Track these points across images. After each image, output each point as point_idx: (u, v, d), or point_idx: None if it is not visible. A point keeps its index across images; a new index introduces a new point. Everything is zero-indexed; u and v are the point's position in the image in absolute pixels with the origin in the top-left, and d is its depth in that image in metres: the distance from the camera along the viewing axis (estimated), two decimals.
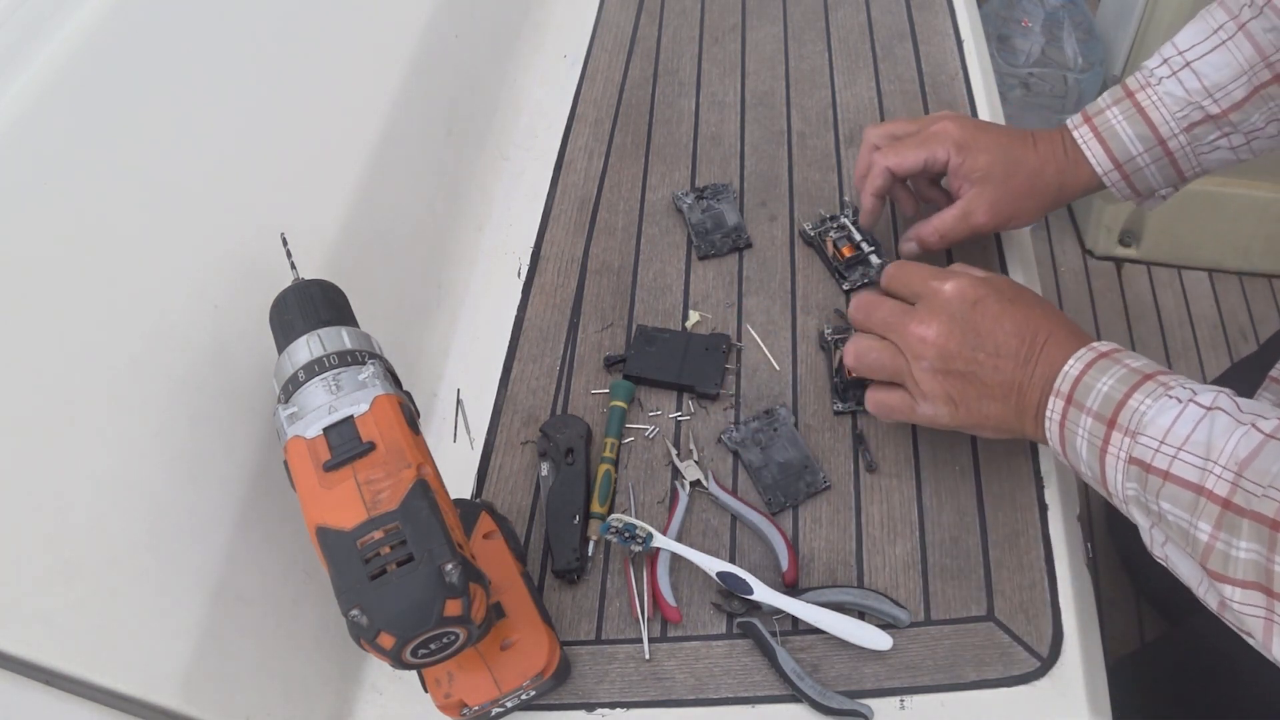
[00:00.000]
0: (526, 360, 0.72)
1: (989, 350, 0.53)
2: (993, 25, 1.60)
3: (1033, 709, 0.52)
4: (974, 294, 0.54)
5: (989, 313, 0.54)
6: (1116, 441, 0.47)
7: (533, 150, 0.87)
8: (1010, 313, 0.54)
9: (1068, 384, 0.50)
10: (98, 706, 0.41)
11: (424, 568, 0.40)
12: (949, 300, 0.55)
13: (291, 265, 0.50)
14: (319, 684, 0.55)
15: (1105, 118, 0.64)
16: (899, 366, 0.56)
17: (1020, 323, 0.53)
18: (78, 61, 0.46)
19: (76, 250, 0.45)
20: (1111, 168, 0.64)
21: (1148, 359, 0.50)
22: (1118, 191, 0.66)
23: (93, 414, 0.43)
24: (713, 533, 0.62)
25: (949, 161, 0.65)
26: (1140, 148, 0.63)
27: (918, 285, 0.57)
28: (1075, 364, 0.51)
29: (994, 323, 0.53)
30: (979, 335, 0.53)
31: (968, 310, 0.54)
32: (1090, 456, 0.49)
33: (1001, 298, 0.54)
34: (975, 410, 0.54)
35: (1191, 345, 1.67)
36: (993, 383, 0.53)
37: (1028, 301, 0.55)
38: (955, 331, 0.54)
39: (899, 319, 0.56)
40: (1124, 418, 0.47)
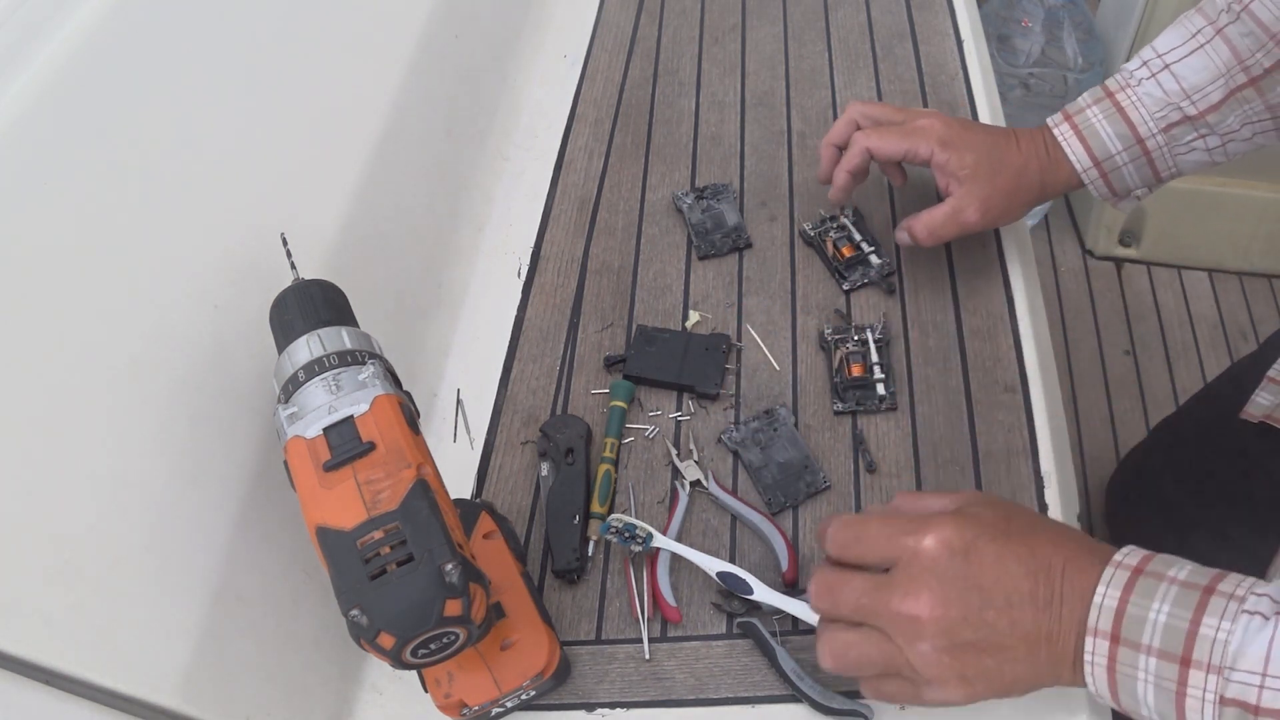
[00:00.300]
0: (526, 360, 0.72)
1: (999, 605, 0.43)
2: (993, 25, 1.60)
3: (1033, 709, 0.52)
4: (961, 541, 0.44)
5: (986, 558, 0.44)
6: (1198, 682, 0.39)
7: (533, 150, 0.87)
8: (1011, 549, 0.44)
9: (1108, 619, 0.41)
10: (98, 706, 0.41)
11: (424, 568, 0.40)
12: (934, 559, 0.44)
13: (291, 265, 0.50)
14: (319, 684, 0.55)
15: (1085, 116, 0.64)
16: (889, 656, 0.45)
17: (1026, 558, 0.44)
18: (78, 61, 0.46)
19: (76, 250, 0.45)
20: (1090, 165, 0.64)
21: (1190, 563, 0.42)
22: (1095, 190, 0.66)
23: (93, 414, 0.43)
24: (713, 533, 0.62)
25: (931, 158, 0.65)
26: (1119, 146, 0.63)
27: (883, 548, 0.46)
28: (1109, 591, 0.42)
29: (996, 569, 0.43)
30: (983, 591, 0.43)
31: (960, 565, 0.44)
32: (1161, 702, 0.40)
33: (995, 534, 0.44)
34: (997, 680, 0.44)
35: (1191, 345, 1.67)
36: (1013, 642, 0.43)
37: (1024, 527, 0.46)
38: (952, 596, 0.43)
39: (874, 598, 0.45)
40: (1201, 651, 0.39)
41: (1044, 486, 0.60)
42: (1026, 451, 0.62)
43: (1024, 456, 0.62)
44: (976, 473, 0.62)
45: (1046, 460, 0.62)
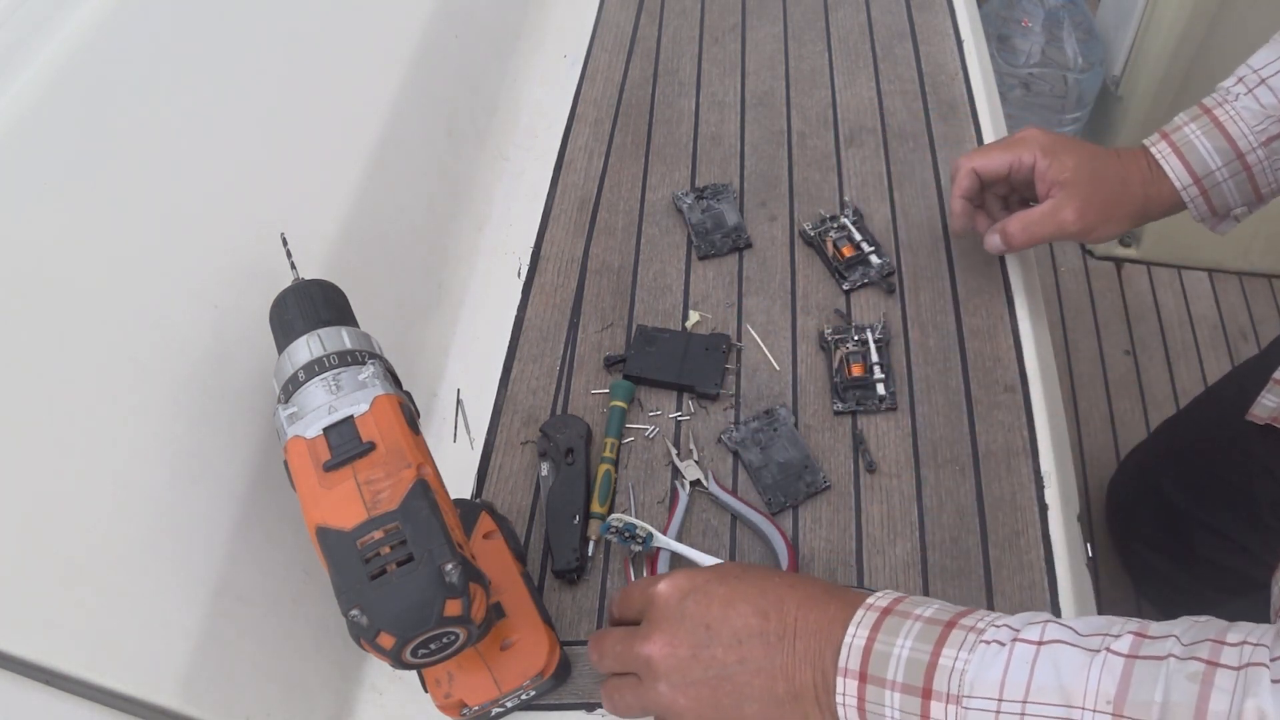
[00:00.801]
0: (526, 360, 0.72)
1: (727, 642, 0.44)
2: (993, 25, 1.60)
3: None
4: (690, 584, 0.46)
5: (714, 599, 0.45)
6: (939, 713, 0.39)
7: (533, 150, 0.87)
8: (740, 590, 0.45)
9: (856, 658, 0.41)
10: (98, 706, 0.41)
11: (424, 568, 0.40)
12: (665, 601, 0.46)
13: (291, 265, 0.50)
14: (319, 684, 0.55)
15: (1183, 133, 0.63)
16: (643, 698, 0.46)
17: (755, 597, 0.45)
18: (78, 62, 0.46)
19: (76, 250, 0.45)
20: (1190, 183, 0.63)
21: (940, 601, 0.43)
22: (1195, 210, 0.65)
23: (93, 414, 0.43)
24: (713, 533, 0.62)
25: (1035, 164, 0.64)
26: (1219, 161, 0.62)
27: (636, 599, 0.48)
28: (858, 631, 0.42)
29: (723, 609, 0.45)
30: (710, 629, 0.44)
31: (689, 605, 0.45)
32: None
33: (724, 578, 0.46)
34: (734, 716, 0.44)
35: (1191, 345, 1.67)
36: (745, 678, 0.44)
37: (759, 574, 0.47)
38: (681, 635, 0.45)
39: (625, 645, 0.47)
40: (939, 683, 0.39)
41: (1044, 486, 0.60)
42: (1026, 451, 0.62)
43: (1024, 456, 0.62)
44: (976, 473, 0.62)
45: (1046, 460, 0.62)
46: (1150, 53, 1.49)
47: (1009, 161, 0.65)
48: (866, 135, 0.83)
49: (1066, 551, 0.58)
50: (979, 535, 0.59)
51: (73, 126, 0.46)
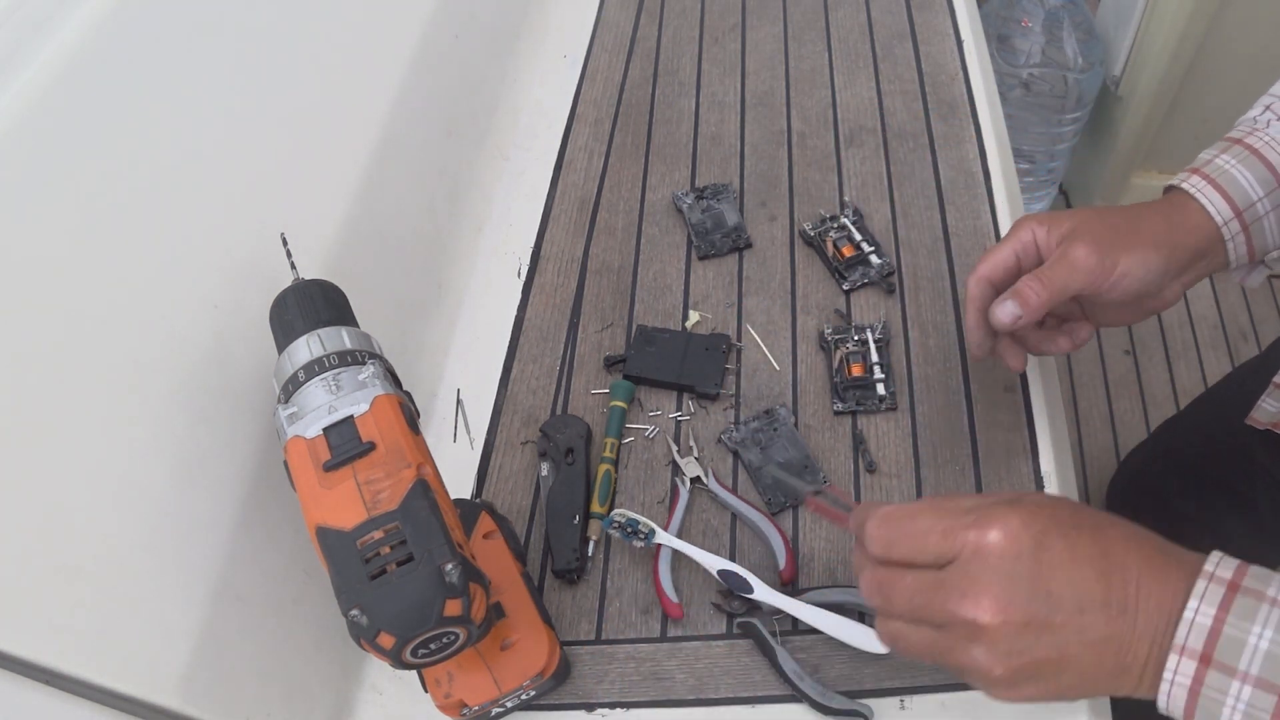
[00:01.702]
0: (526, 360, 0.72)
1: (1068, 610, 0.39)
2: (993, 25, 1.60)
3: (1033, 709, 0.52)
4: (1030, 536, 0.40)
5: (1056, 557, 0.40)
6: None
7: (533, 150, 0.87)
8: (1081, 549, 0.40)
9: (1199, 637, 0.38)
10: (98, 706, 0.41)
11: (424, 568, 0.40)
12: (999, 555, 0.40)
13: (291, 265, 0.50)
14: (319, 684, 0.55)
15: (1217, 165, 0.56)
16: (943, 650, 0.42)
17: (1098, 558, 0.40)
18: (78, 61, 0.46)
19: (76, 250, 0.45)
20: (1232, 216, 0.55)
21: None
22: (1234, 252, 0.56)
23: (93, 414, 0.43)
24: (713, 532, 0.62)
25: (1035, 239, 0.56)
26: (1261, 191, 0.55)
27: (937, 544, 0.41)
28: (1203, 606, 0.38)
29: (1067, 569, 0.40)
30: (1051, 595, 0.39)
31: (1027, 564, 0.40)
32: None
33: (1062, 526, 0.41)
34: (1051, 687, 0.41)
35: (1191, 345, 1.67)
36: (1078, 650, 0.39)
37: (1091, 520, 0.42)
38: (1018, 600, 0.39)
39: (930, 599, 0.41)
40: None
41: (1044, 487, 0.60)
42: (1026, 451, 0.62)
43: (1024, 456, 0.62)
44: (976, 473, 0.62)
45: (1046, 460, 0.62)
46: (1150, 53, 1.49)
47: (1010, 249, 0.57)
48: (866, 135, 0.83)
49: None
50: None
51: (73, 127, 0.46)
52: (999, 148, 0.80)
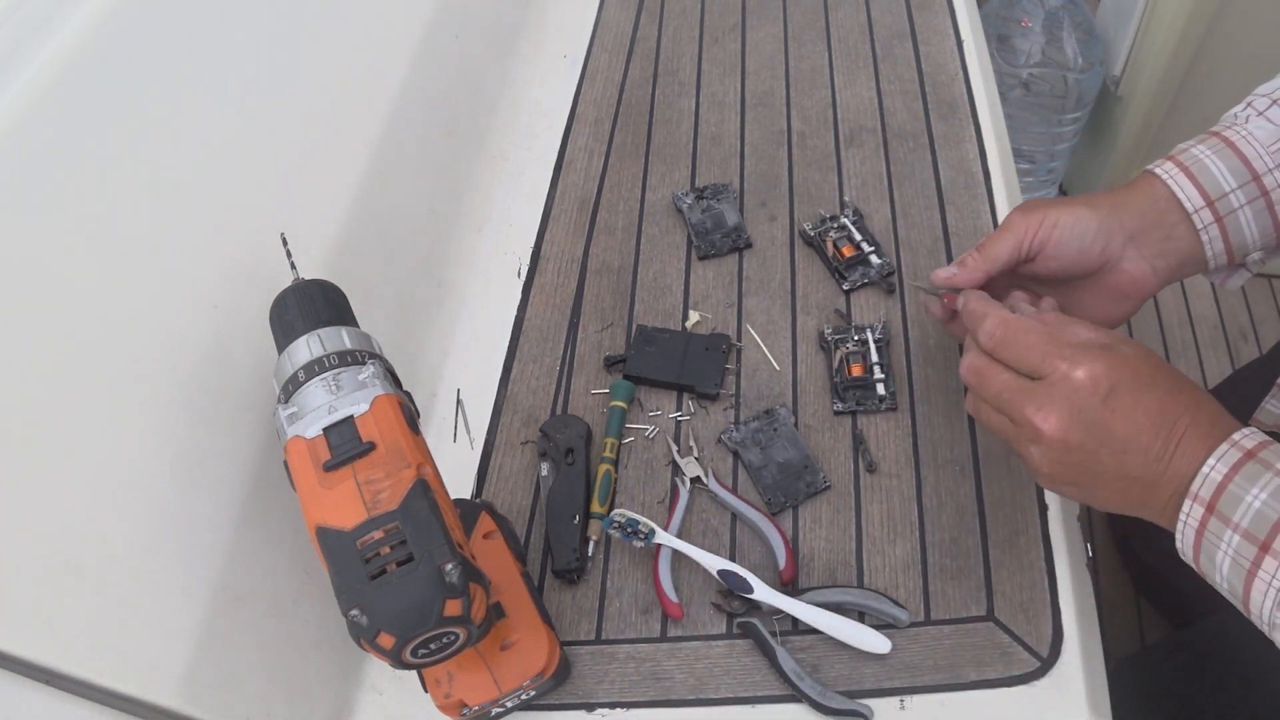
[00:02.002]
0: (526, 360, 0.72)
1: (1115, 447, 0.47)
2: (993, 25, 1.60)
3: (1033, 709, 0.52)
4: (1108, 383, 0.47)
5: (1122, 405, 0.47)
6: (1269, 568, 0.42)
7: (533, 150, 0.87)
8: (1145, 402, 0.47)
9: (1209, 489, 0.45)
10: (98, 706, 0.41)
11: (424, 568, 0.40)
12: (1077, 390, 0.47)
13: (291, 265, 0.50)
14: (319, 684, 0.55)
15: (1192, 154, 0.57)
16: (1009, 435, 0.51)
17: (1156, 414, 0.47)
18: (78, 61, 0.46)
19: (77, 251, 0.45)
20: (1203, 205, 0.56)
21: None
22: (1209, 246, 0.57)
23: (93, 414, 0.43)
24: (713, 533, 0.62)
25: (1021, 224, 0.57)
26: (1233, 183, 0.56)
27: (1036, 362, 0.49)
28: (1218, 465, 0.45)
29: (1126, 416, 0.47)
30: (1107, 431, 0.47)
31: (1098, 405, 0.47)
32: (1233, 575, 0.44)
33: (1137, 383, 0.47)
34: (1085, 493, 0.50)
35: (1191, 345, 1.67)
36: (1112, 477, 0.48)
37: (1165, 383, 0.48)
38: (1078, 427, 0.47)
39: (1015, 399, 0.49)
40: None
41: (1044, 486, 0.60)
42: None
43: None
44: (976, 473, 0.62)
45: None
46: (1150, 53, 1.49)
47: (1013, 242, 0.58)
48: (866, 135, 0.83)
49: (1066, 551, 0.58)
50: (979, 535, 0.59)
51: (73, 127, 0.46)
52: (999, 148, 0.80)
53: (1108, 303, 0.59)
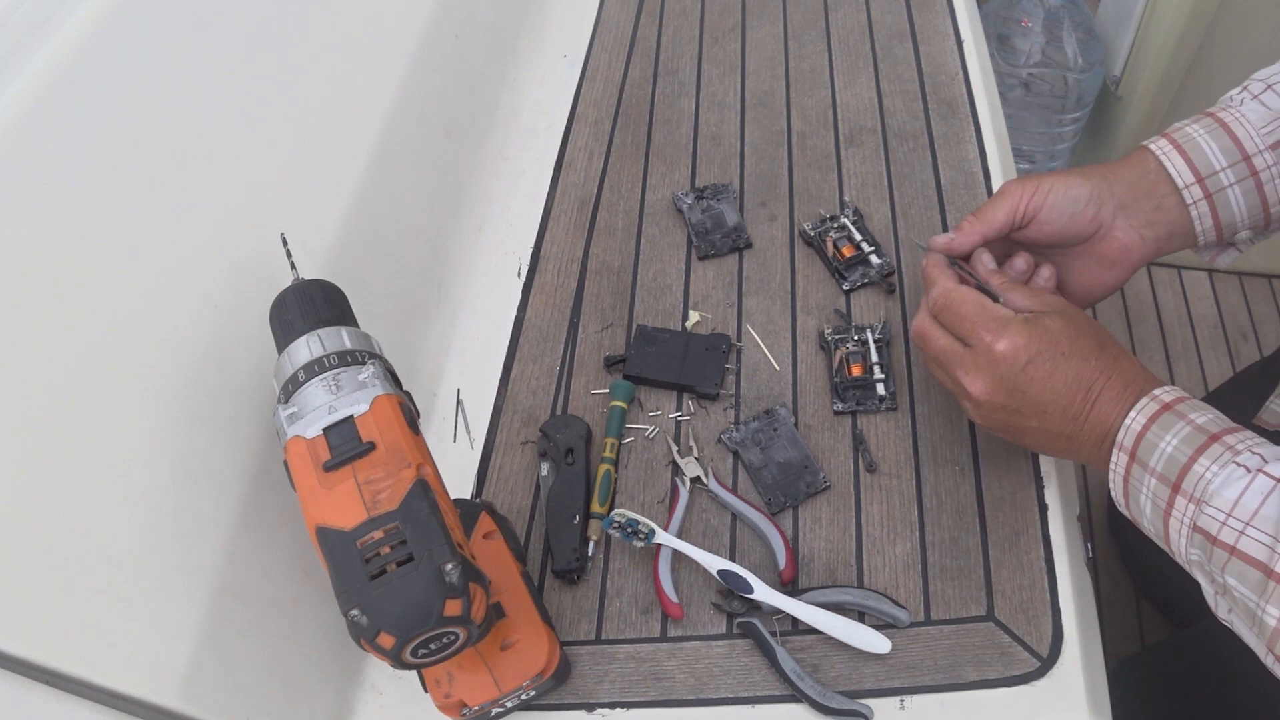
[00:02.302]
0: (526, 360, 0.72)
1: (1036, 409, 0.52)
2: (993, 25, 1.60)
3: (1033, 709, 0.52)
4: (1025, 355, 0.52)
5: (1039, 373, 0.52)
6: (1181, 507, 0.46)
7: (533, 150, 0.87)
8: (1062, 369, 0.52)
9: (1130, 438, 0.49)
10: (98, 706, 0.41)
11: (424, 568, 0.40)
12: (999, 361, 0.53)
13: (291, 265, 0.50)
14: (319, 684, 0.55)
15: (1185, 132, 0.59)
16: (954, 391, 0.57)
17: (1072, 380, 0.52)
18: (78, 61, 0.46)
19: (77, 251, 0.45)
20: (1193, 180, 0.58)
21: (1213, 412, 0.49)
22: (1198, 222, 0.59)
23: (93, 414, 0.43)
24: (713, 533, 0.62)
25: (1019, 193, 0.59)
26: (1224, 161, 0.57)
27: (967, 332, 0.54)
28: (1138, 416, 0.49)
29: (1044, 383, 0.52)
30: (1025, 396, 0.52)
31: (1017, 374, 0.52)
32: (1154, 516, 0.49)
33: (1055, 352, 0.52)
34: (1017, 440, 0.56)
35: (1191, 345, 1.67)
36: (1037, 430, 0.53)
37: (1084, 350, 0.52)
38: (1000, 391, 0.53)
39: (949, 361, 0.55)
40: (1189, 483, 0.46)
41: (1044, 486, 0.60)
42: (1026, 452, 0.62)
43: (1024, 457, 0.62)
44: (976, 473, 0.62)
45: (1046, 460, 0.62)
46: (1150, 53, 1.49)
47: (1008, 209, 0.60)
48: (866, 135, 0.83)
49: (1066, 551, 0.58)
50: (979, 535, 0.59)
51: (73, 126, 0.46)
52: (999, 148, 0.80)
53: (1098, 269, 0.61)
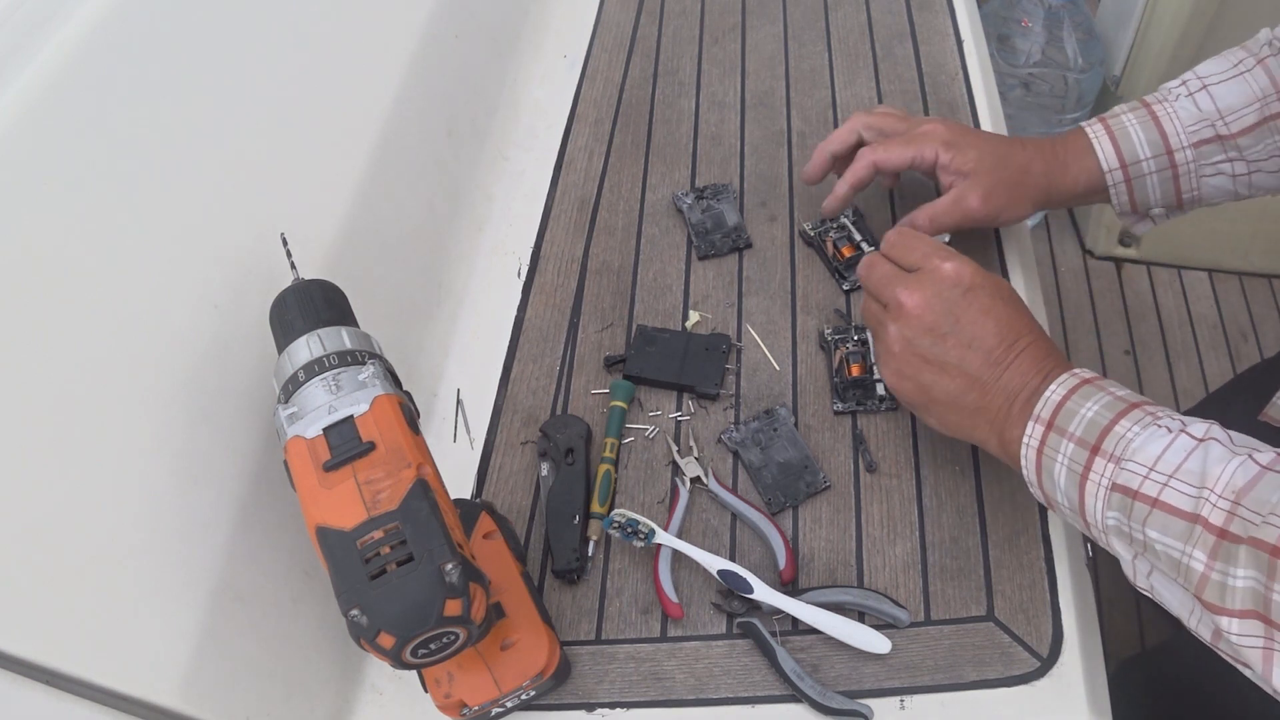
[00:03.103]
0: (526, 360, 0.72)
1: (962, 339, 0.53)
2: (993, 25, 1.60)
3: (1033, 709, 0.52)
4: (970, 281, 0.54)
5: (977, 304, 0.53)
6: (1099, 468, 0.47)
7: (533, 150, 0.87)
8: (999, 309, 0.53)
9: (1049, 409, 0.49)
10: (98, 706, 0.41)
11: (424, 568, 0.40)
12: (943, 278, 0.54)
13: (291, 265, 0.50)
14: (319, 684, 0.55)
15: (1120, 120, 0.65)
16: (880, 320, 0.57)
17: (1004, 324, 0.53)
18: (78, 61, 0.46)
19: (77, 250, 0.45)
20: (1117, 166, 0.65)
21: (1132, 390, 0.50)
22: (1115, 197, 0.66)
23: (93, 414, 0.43)
24: (713, 533, 0.62)
25: (937, 159, 0.66)
26: (1148, 153, 0.64)
27: (917, 258, 0.56)
28: (1057, 389, 0.50)
29: (979, 315, 0.53)
30: (957, 321, 0.53)
31: (958, 295, 0.53)
32: (1069, 485, 0.48)
33: (996, 295, 0.54)
34: (924, 391, 0.55)
35: (1191, 345, 1.67)
36: (954, 372, 0.53)
37: (1021, 310, 0.54)
38: (935, 307, 0.53)
39: (891, 283, 0.56)
40: (1109, 444, 0.47)
41: None
42: None
43: None
44: (976, 473, 0.62)
45: None
46: (1150, 53, 1.49)
47: (910, 157, 0.67)
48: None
49: (1066, 551, 0.58)
50: (979, 535, 0.59)
51: (73, 126, 0.46)
52: None
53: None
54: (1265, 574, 0.39)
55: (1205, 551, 0.42)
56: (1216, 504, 0.42)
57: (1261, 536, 0.40)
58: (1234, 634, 0.41)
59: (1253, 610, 0.40)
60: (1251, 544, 0.40)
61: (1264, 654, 0.41)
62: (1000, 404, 0.52)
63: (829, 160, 0.72)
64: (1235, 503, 0.41)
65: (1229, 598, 0.41)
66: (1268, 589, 0.39)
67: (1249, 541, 0.40)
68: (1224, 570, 0.41)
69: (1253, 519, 0.40)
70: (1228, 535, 0.41)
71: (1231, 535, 0.41)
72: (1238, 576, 0.40)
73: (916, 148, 0.66)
